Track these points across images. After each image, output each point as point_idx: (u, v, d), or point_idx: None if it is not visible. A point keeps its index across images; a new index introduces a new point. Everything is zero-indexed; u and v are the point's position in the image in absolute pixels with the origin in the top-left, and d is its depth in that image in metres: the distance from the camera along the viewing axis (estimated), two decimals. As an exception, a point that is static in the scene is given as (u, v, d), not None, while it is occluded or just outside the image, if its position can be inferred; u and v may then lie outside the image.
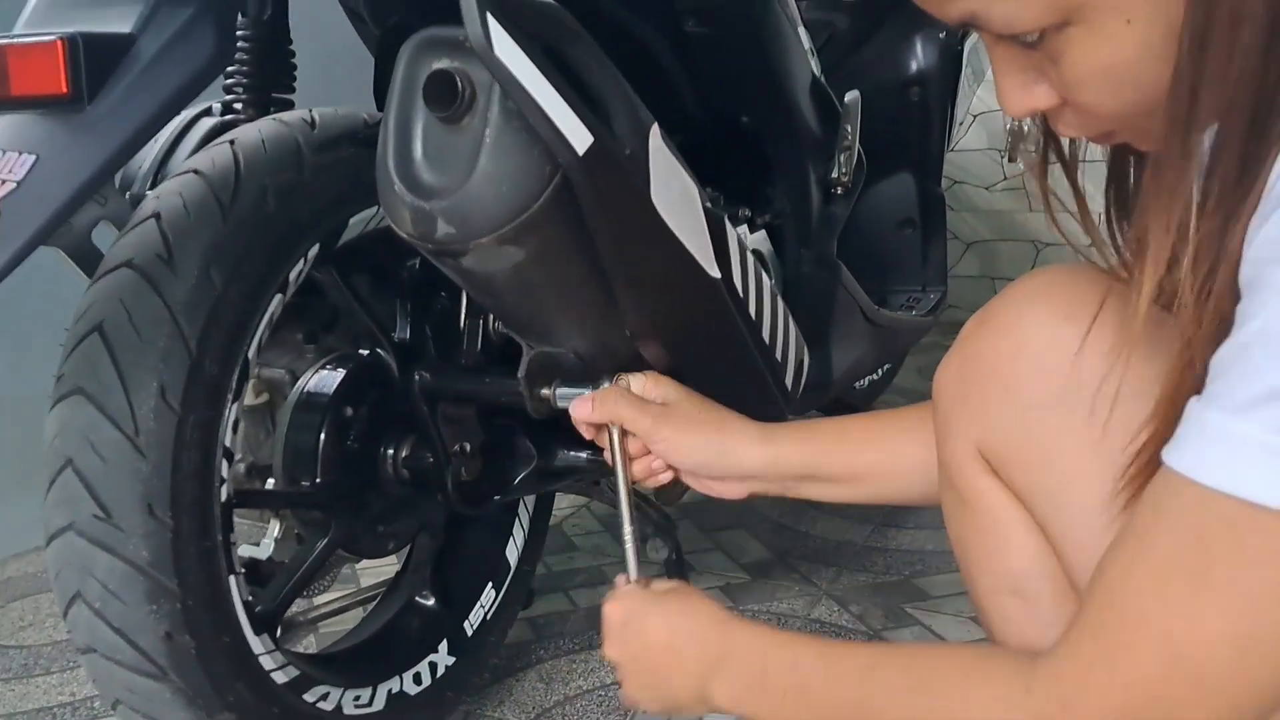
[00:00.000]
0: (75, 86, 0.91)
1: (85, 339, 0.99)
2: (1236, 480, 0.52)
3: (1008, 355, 0.79)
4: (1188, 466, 0.55)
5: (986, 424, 0.79)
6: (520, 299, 0.99)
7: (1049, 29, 0.58)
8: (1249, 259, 0.54)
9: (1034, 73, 0.63)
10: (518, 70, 0.83)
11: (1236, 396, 0.52)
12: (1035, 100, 0.64)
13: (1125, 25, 0.57)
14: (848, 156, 1.61)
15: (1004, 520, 0.81)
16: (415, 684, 1.28)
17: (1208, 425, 0.54)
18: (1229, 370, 0.54)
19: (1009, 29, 0.59)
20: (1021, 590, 0.81)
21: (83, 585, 0.98)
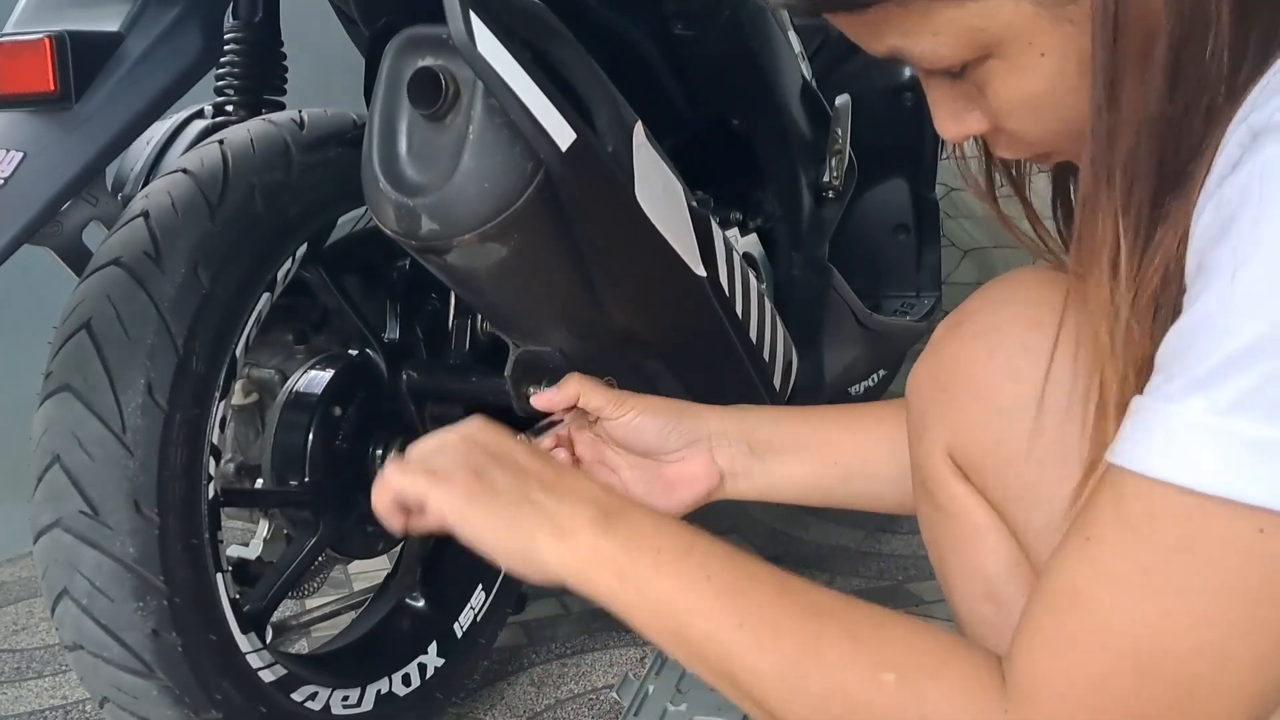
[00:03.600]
0: (63, 85, 0.91)
1: (73, 336, 0.99)
2: (1176, 467, 0.51)
3: (980, 360, 0.79)
4: (1128, 458, 0.53)
5: (958, 428, 0.79)
6: (504, 296, 0.99)
7: (970, 62, 0.60)
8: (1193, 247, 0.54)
9: (964, 101, 0.64)
10: (500, 67, 0.83)
11: (1175, 383, 0.51)
12: (967, 127, 0.65)
13: (1040, 58, 0.58)
14: (839, 160, 1.62)
15: (977, 525, 0.80)
16: (404, 685, 1.28)
17: (1146, 415, 0.53)
18: (1167, 362, 0.53)
19: (931, 64, 0.61)
20: (996, 596, 0.80)
21: (69, 581, 0.99)
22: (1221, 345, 0.49)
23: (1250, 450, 0.48)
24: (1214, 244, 0.51)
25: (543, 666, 1.55)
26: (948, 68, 0.61)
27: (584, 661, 1.56)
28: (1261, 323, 0.48)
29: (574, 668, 1.54)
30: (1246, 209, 0.49)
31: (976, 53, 0.59)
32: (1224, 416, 0.49)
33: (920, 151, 2.04)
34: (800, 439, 0.91)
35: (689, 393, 1.15)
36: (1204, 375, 0.50)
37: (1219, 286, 0.50)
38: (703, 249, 1.06)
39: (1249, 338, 0.48)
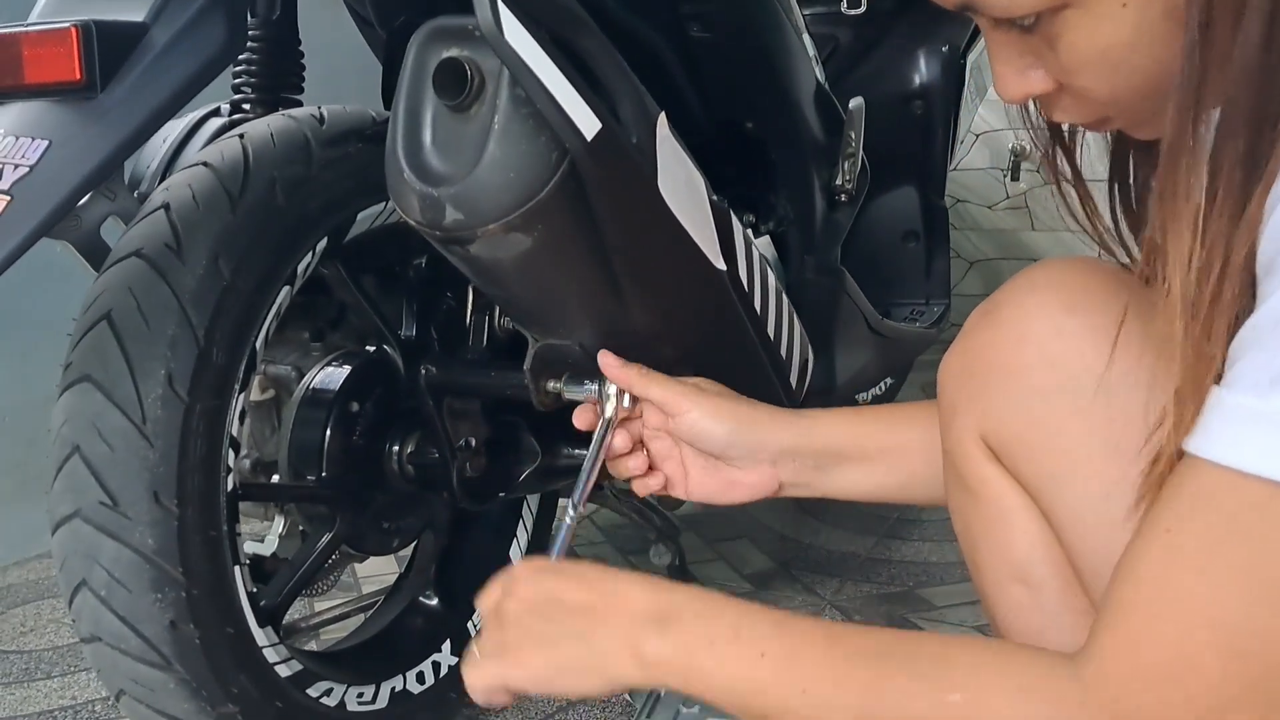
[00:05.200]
0: (88, 74, 0.92)
1: (94, 327, 0.99)
2: (1259, 459, 0.51)
3: (1011, 344, 0.79)
4: (1216, 452, 0.53)
5: (990, 412, 0.79)
6: (527, 288, 0.99)
7: (1045, 12, 0.59)
8: (1268, 236, 0.53)
9: (1030, 58, 0.63)
10: (527, 56, 0.84)
11: (1260, 376, 0.51)
12: (1031, 85, 0.64)
13: (1121, 8, 0.57)
14: (851, 164, 1.62)
15: (1008, 508, 0.80)
16: (419, 683, 1.28)
17: (1231, 408, 0.53)
18: (1248, 351, 0.53)
19: (1006, 13, 0.60)
20: (1026, 578, 0.81)
21: (88, 573, 0.98)
22: None
23: None
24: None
25: (554, 669, 1.54)
26: (1022, 16, 0.60)
27: (595, 664, 1.55)
28: None
29: (585, 671, 1.53)
30: None
31: (1054, 1, 0.58)
32: None
33: (930, 159, 2.05)
34: (864, 448, 0.93)
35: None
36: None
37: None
38: (723, 243, 1.06)
39: None
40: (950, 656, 0.64)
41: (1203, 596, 0.54)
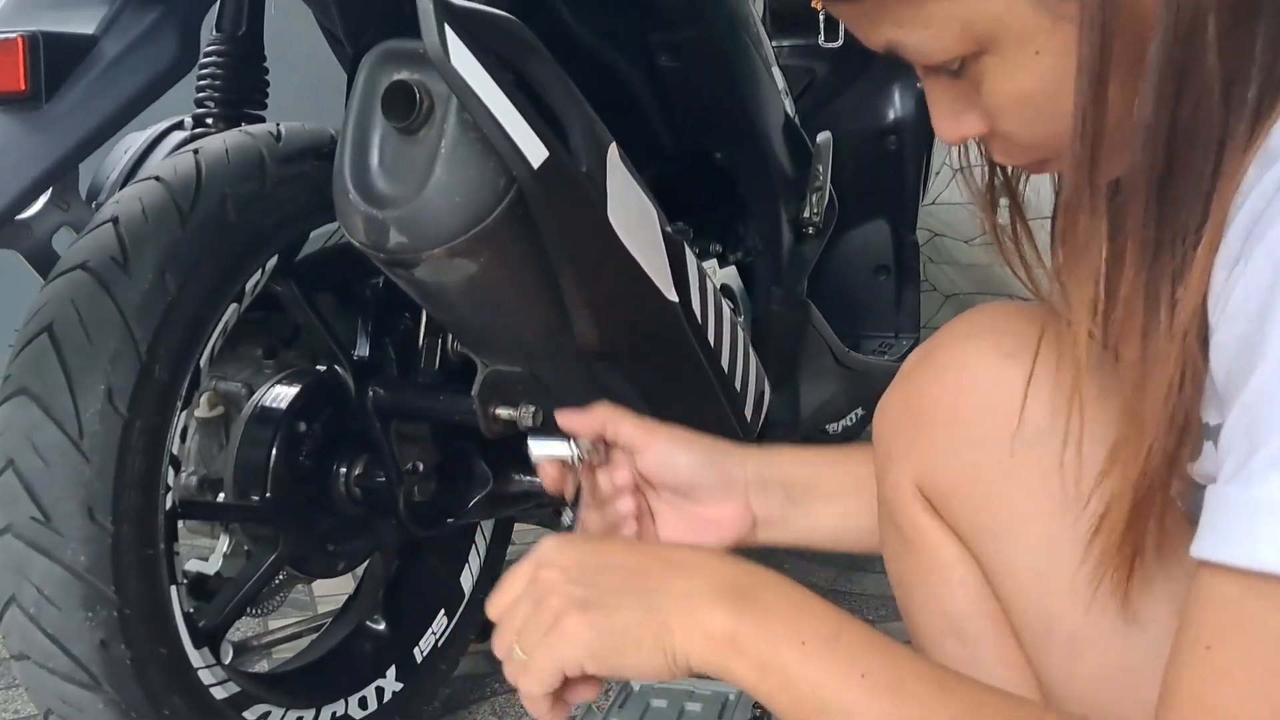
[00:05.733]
0: (34, 84, 0.91)
1: (34, 339, 0.98)
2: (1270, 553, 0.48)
3: (949, 392, 0.77)
4: (1222, 554, 0.50)
5: (927, 460, 0.77)
6: (473, 313, 0.99)
7: (967, 58, 0.60)
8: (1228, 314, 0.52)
9: (963, 101, 0.63)
10: (474, 82, 0.83)
11: (1252, 464, 0.49)
12: (965, 128, 0.64)
13: (1034, 56, 0.58)
14: (819, 197, 1.62)
15: (945, 560, 0.78)
16: (360, 708, 1.26)
17: (1230, 503, 0.50)
18: (1235, 441, 0.50)
19: (926, 59, 0.61)
20: (961, 632, 0.78)
21: (18, 589, 0.97)
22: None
23: None
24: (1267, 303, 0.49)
25: (505, 696, 1.53)
26: (943, 63, 0.60)
27: (547, 693, 1.54)
28: None
29: (537, 699, 1.52)
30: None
31: (971, 48, 0.59)
32: None
33: (902, 194, 2.06)
34: (837, 483, 0.88)
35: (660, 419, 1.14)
36: None
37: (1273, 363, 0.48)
38: (675, 274, 1.06)
39: None
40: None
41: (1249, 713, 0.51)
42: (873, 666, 0.58)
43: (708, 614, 0.60)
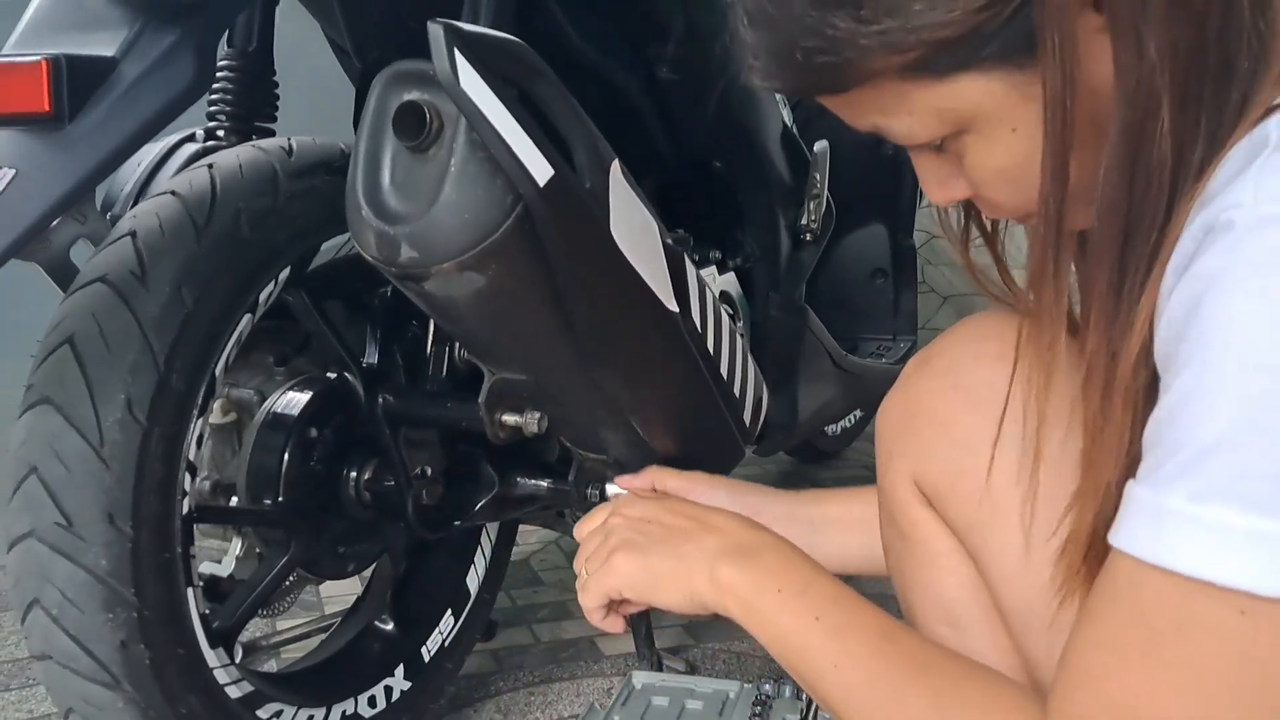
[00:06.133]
0: (57, 105, 0.94)
1: (56, 350, 1.01)
2: (1162, 552, 0.53)
3: (945, 393, 0.82)
4: (1126, 543, 0.56)
5: (923, 458, 0.82)
6: (480, 325, 1.02)
7: (948, 136, 0.64)
8: (1160, 338, 0.56)
9: (949, 168, 0.68)
10: (482, 104, 0.86)
11: (1158, 472, 0.54)
12: (953, 193, 0.69)
13: (1011, 133, 0.61)
14: (817, 204, 1.65)
15: (938, 551, 0.83)
16: (370, 707, 1.29)
17: (1137, 502, 0.56)
18: (1152, 447, 0.55)
19: (910, 141, 0.65)
20: (954, 620, 0.83)
21: (41, 592, 1.00)
22: (1193, 439, 0.52)
23: (1228, 536, 0.51)
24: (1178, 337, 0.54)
25: (510, 694, 1.56)
26: (926, 143, 0.65)
27: (551, 691, 1.57)
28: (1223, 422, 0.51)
29: (541, 696, 1.55)
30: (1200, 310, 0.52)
31: (952, 129, 0.63)
32: (1202, 504, 0.52)
33: (899, 199, 2.09)
34: (852, 513, 1.00)
35: (662, 425, 1.17)
36: (1181, 464, 0.53)
37: (1185, 381, 0.53)
38: (676, 285, 1.09)
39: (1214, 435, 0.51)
40: (967, 690, 0.68)
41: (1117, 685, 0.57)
42: (827, 613, 0.73)
43: (719, 566, 0.77)
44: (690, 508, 0.85)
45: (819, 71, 0.61)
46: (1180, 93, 0.57)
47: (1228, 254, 0.52)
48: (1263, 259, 0.50)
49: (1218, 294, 0.52)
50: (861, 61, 0.60)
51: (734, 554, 0.78)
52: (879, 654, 0.70)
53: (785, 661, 0.75)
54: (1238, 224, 0.51)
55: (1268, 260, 0.50)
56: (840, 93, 0.63)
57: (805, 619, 0.73)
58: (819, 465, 2.69)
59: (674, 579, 0.79)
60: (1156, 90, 0.57)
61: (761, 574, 0.76)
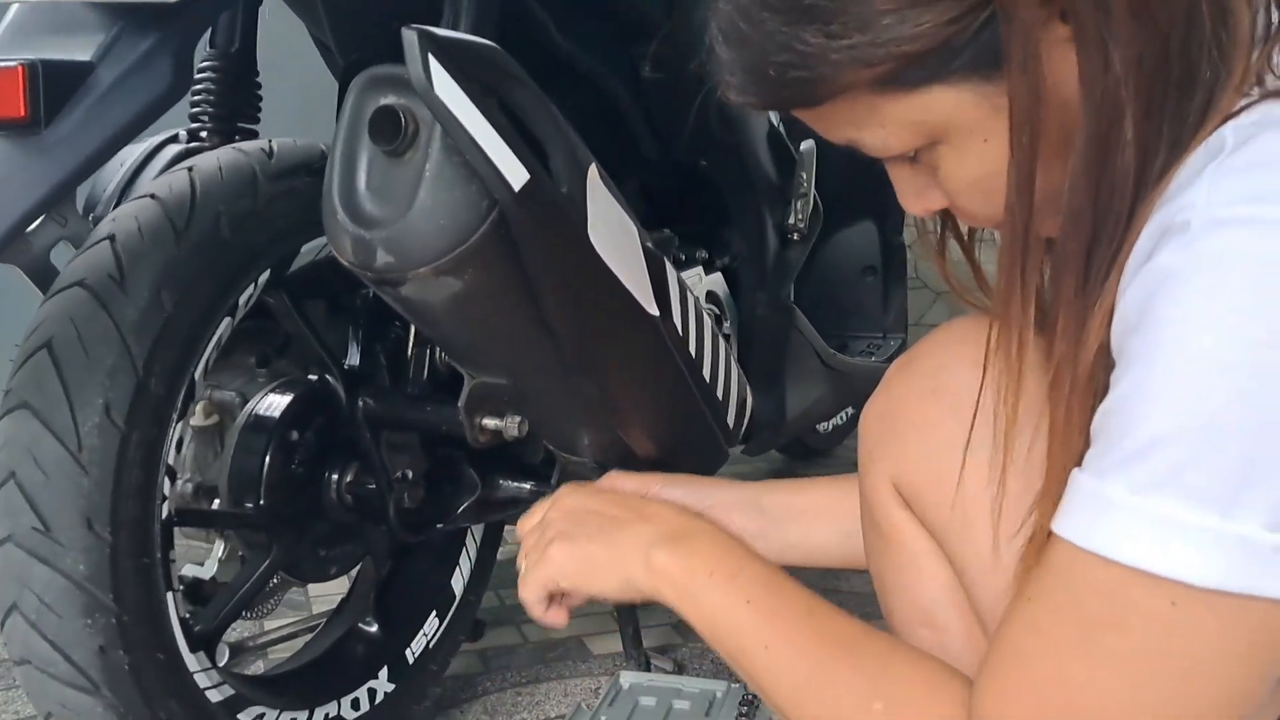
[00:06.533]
0: (33, 110, 0.94)
1: (34, 355, 1.01)
2: (1100, 540, 0.55)
3: (924, 397, 0.82)
4: (1066, 530, 0.57)
5: (902, 461, 0.83)
6: (458, 330, 1.02)
7: (921, 148, 0.65)
8: (1115, 332, 0.58)
9: (923, 180, 0.69)
10: (457, 109, 0.86)
11: (1102, 462, 0.55)
12: (929, 203, 0.70)
13: (983, 144, 0.62)
14: (804, 203, 1.65)
15: (917, 553, 0.83)
16: (353, 709, 1.30)
17: (1080, 490, 0.57)
18: (1098, 437, 0.57)
19: (884, 153, 0.66)
20: (932, 621, 0.84)
21: (19, 597, 1.00)
22: (1138, 431, 0.53)
23: (1164, 528, 0.52)
24: (1130, 332, 0.55)
25: (497, 695, 1.56)
26: (900, 155, 0.65)
27: (539, 691, 1.57)
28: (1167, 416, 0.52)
29: (528, 696, 1.55)
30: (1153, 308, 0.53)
31: (924, 140, 0.64)
32: (1142, 495, 0.53)
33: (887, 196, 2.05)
34: (814, 504, 1.00)
35: (644, 428, 1.18)
36: (1124, 456, 0.54)
37: (1134, 376, 0.54)
38: (656, 289, 1.09)
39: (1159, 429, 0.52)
40: (892, 666, 0.70)
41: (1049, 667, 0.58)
42: (757, 596, 0.74)
43: (653, 552, 0.78)
44: (627, 497, 0.86)
45: (792, 86, 0.62)
46: (1144, 103, 0.57)
47: (1181, 253, 0.53)
48: (1213, 259, 0.52)
49: (1170, 291, 0.53)
50: (833, 76, 0.60)
51: (668, 540, 0.79)
52: (808, 633, 0.72)
53: (718, 644, 0.76)
54: (1193, 224, 0.53)
55: (1218, 261, 0.52)
56: (813, 106, 0.64)
57: (737, 601, 0.74)
58: (810, 463, 2.69)
59: (609, 566, 0.80)
60: (1121, 101, 0.57)
61: (694, 559, 0.77)
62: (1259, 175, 0.53)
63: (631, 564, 0.79)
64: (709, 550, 0.78)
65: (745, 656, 0.74)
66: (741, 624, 0.74)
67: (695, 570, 0.77)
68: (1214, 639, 0.53)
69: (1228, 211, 0.52)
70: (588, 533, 0.83)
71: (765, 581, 0.75)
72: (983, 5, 0.57)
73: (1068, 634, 0.57)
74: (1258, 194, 0.52)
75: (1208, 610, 0.52)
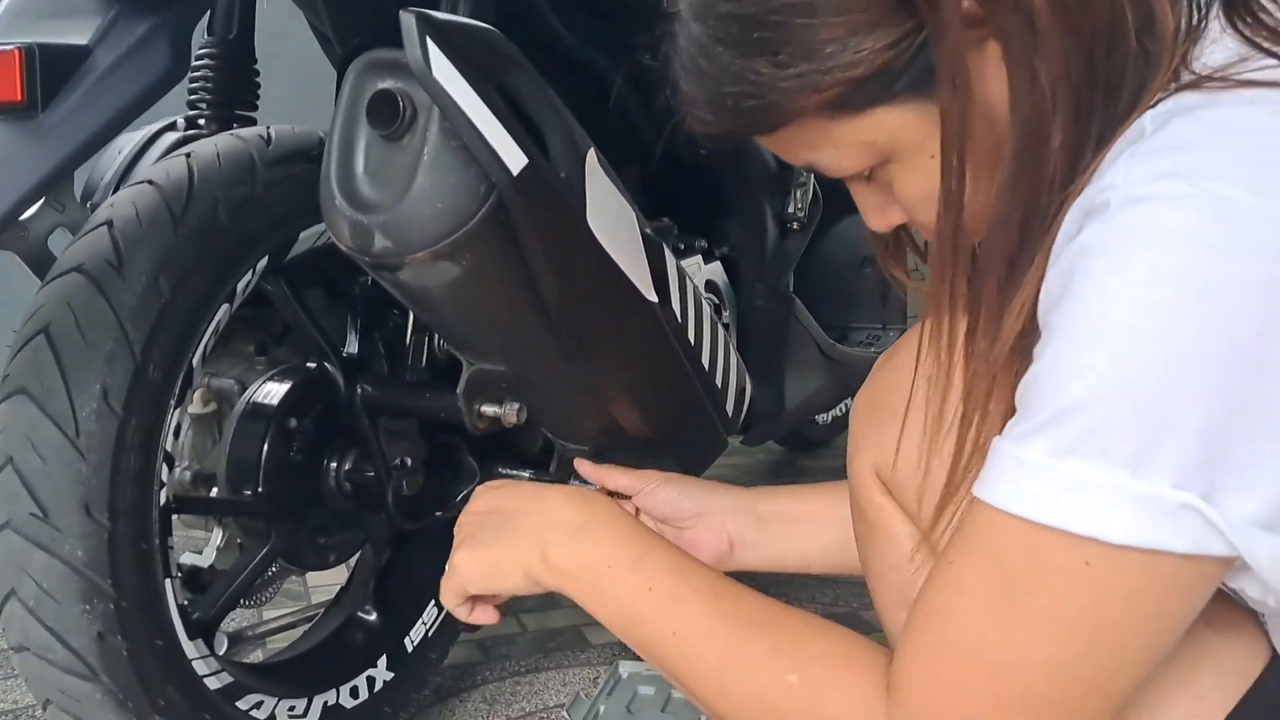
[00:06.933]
0: (30, 94, 0.93)
1: (31, 340, 1.01)
2: (1018, 500, 0.57)
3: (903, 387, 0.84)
4: (984, 491, 0.60)
5: (883, 449, 0.85)
6: (456, 315, 1.01)
7: (876, 167, 0.68)
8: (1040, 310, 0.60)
9: (884, 196, 0.72)
10: (455, 92, 0.86)
11: (1020, 428, 0.58)
12: (890, 219, 0.73)
13: (930, 159, 0.65)
14: (803, 192, 1.65)
15: (897, 536, 0.86)
16: (352, 697, 1.29)
17: (1000, 454, 0.59)
18: (1020, 406, 0.59)
19: (839, 173, 0.69)
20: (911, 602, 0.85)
21: (18, 583, 1.00)
22: (1056, 399, 0.56)
23: (1079, 489, 0.55)
24: (1053, 308, 0.58)
25: (495, 684, 1.56)
26: (855, 174, 0.69)
27: (537, 680, 1.57)
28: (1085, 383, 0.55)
29: (527, 686, 1.55)
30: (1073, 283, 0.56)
31: (877, 159, 0.67)
32: (1059, 459, 0.56)
33: (888, 186, 2.08)
34: (804, 511, 1.02)
35: (642, 416, 1.17)
36: (1042, 422, 0.56)
37: (1054, 347, 0.57)
38: (655, 275, 1.08)
39: (1076, 395, 0.55)
40: (805, 641, 0.71)
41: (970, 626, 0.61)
42: (660, 583, 0.74)
43: (551, 547, 0.79)
44: (528, 489, 0.86)
45: (748, 115, 0.65)
46: (1072, 112, 0.60)
47: (1100, 229, 0.55)
48: (1126, 234, 0.54)
49: (1088, 265, 0.55)
50: (784, 102, 0.63)
51: (563, 533, 0.79)
52: (714, 614, 0.73)
53: (625, 635, 0.76)
54: (1111, 204, 0.55)
55: (1131, 235, 0.54)
56: (770, 133, 0.67)
57: (639, 591, 0.75)
58: (808, 454, 2.69)
59: (510, 565, 0.81)
60: (1048, 113, 0.60)
61: (591, 552, 0.78)
62: (1171, 156, 0.55)
63: (531, 561, 0.80)
64: (606, 540, 0.79)
65: (655, 646, 0.74)
66: (645, 613, 0.75)
67: (592, 564, 0.77)
68: (1126, 594, 0.56)
69: (1141, 189, 0.55)
70: (486, 536, 0.83)
71: (668, 568, 0.76)
72: (916, 30, 0.60)
73: (989, 593, 0.59)
74: (1168, 172, 0.54)
75: (1120, 566, 0.55)
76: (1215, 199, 0.53)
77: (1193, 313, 0.52)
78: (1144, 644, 0.58)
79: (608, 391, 1.11)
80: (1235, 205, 0.52)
